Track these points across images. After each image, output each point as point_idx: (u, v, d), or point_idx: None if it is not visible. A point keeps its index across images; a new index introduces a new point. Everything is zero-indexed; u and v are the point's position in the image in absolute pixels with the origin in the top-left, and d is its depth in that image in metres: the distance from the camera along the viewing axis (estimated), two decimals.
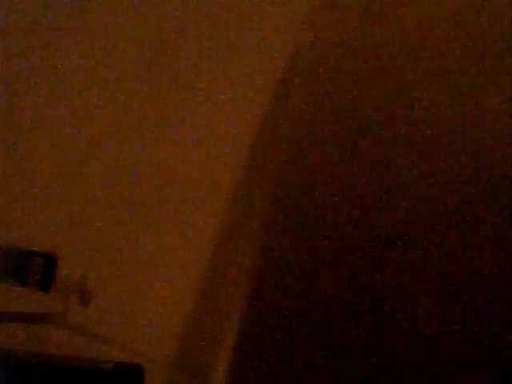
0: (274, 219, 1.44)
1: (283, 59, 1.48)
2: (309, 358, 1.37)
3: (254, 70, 1.53)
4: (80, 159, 1.68)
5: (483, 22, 1.37)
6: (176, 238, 1.55)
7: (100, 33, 1.71)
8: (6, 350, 1.24)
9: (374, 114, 1.41)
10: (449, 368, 1.31)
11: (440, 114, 1.38)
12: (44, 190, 1.69)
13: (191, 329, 1.48)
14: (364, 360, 1.35)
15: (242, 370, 1.39)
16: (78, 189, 1.66)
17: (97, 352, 1.41)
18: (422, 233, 1.35)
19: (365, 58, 1.43)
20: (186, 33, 1.62)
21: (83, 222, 1.64)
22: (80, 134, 1.69)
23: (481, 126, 1.36)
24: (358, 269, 1.37)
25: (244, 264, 1.44)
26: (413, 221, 1.36)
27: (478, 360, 1.30)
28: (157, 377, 1.41)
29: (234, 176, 1.50)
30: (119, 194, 1.63)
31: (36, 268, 1.44)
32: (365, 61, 1.43)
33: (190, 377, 1.46)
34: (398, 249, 1.36)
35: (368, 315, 1.36)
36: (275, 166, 1.46)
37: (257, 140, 1.49)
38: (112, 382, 1.26)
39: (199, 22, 1.61)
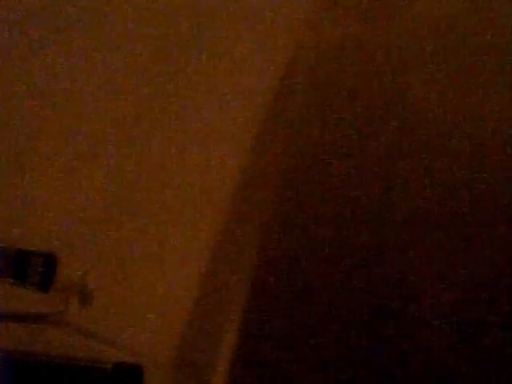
0: (274, 219, 1.44)
1: (283, 59, 1.48)
2: (309, 358, 1.37)
3: (254, 69, 1.53)
4: (80, 159, 1.68)
5: (483, 21, 1.37)
6: (176, 238, 1.55)
7: (101, 31, 1.71)
8: (6, 350, 1.24)
9: (375, 113, 1.41)
10: (449, 368, 1.31)
11: (440, 114, 1.38)
12: (44, 189, 1.69)
13: (191, 329, 1.48)
14: (364, 360, 1.35)
15: (242, 370, 1.39)
16: (78, 189, 1.66)
17: (97, 352, 1.41)
18: (421, 232, 1.35)
19: (365, 57, 1.43)
20: (186, 32, 1.62)
21: (83, 222, 1.64)
22: (80, 133, 1.69)
23: (481, 125, 1.36)
24: (359, 269, 1.37)
25: (244, 264, 1.44)
26: (413, 220, 1.36)
27: (477, 360, 1.30)
28: (157, 377, 1.41)
29: (234, 176, 1.50)
30: (119, 194, 1.63)
31: (36, 268, 1.44)
32: (365, 61, 1.43)
33: (190, 377, 1.46)
34: (399, 248, 1.36)
35: (368, 316, 1.36)
36: (275, 166, 1.46)
37: (257, 140, 1.49)
38: (112, 382, 1.26)
39: (199, 22, 1.61)
